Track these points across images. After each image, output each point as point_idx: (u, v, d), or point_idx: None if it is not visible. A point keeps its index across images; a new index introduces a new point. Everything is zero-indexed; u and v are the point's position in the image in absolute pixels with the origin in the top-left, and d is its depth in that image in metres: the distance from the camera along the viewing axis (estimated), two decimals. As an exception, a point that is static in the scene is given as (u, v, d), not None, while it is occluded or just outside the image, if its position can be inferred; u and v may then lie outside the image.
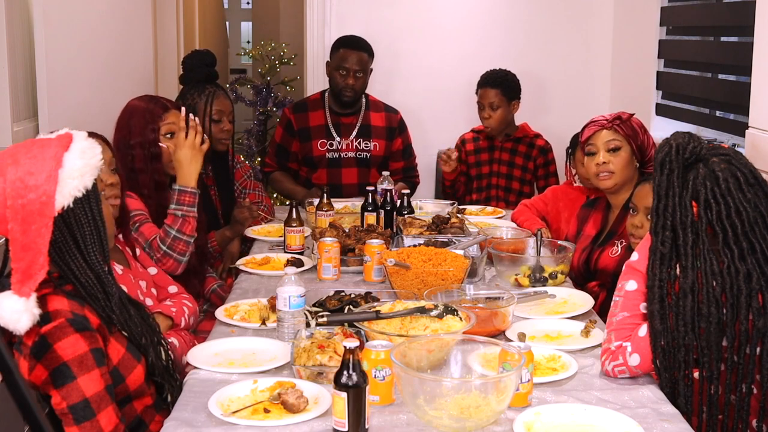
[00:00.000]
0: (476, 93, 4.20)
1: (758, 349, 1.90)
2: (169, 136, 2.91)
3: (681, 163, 1.95)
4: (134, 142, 2.88)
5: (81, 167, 1.78)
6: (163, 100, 2.99)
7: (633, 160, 2.92)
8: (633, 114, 2.99)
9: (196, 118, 2.90)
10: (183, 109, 2.92)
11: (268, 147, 4.50)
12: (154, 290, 2.50)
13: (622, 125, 2.90)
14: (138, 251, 2.53)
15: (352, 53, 4.04)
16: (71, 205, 1.78)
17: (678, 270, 1.94)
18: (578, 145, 3.18)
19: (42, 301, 1.78)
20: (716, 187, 1.91)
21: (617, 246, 2.89)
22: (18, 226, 1.71)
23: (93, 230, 1.84)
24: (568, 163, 3.53)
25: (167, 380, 2.01)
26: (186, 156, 2.82)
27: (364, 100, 4.18)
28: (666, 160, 1.97)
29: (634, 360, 2.00)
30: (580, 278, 2.93)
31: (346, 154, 4.13)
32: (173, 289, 2.58)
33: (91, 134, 2.01)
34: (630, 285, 2.06)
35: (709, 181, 1.92)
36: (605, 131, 2.91)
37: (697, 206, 1.93)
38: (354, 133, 4.13)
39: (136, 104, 2.97)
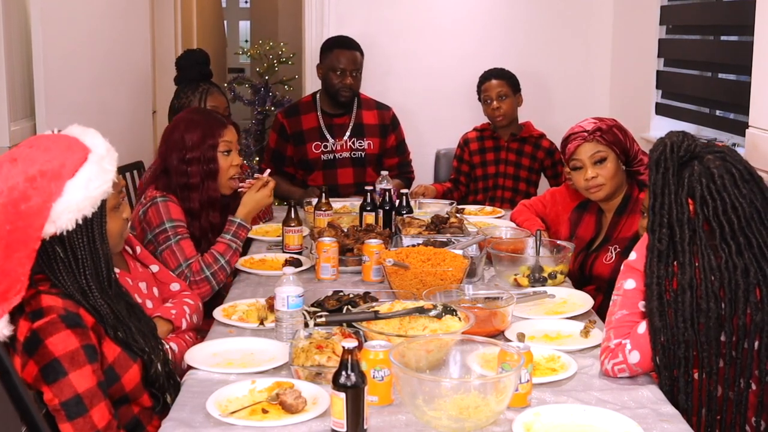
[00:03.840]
0: (478, 91, 4.18)
1: (756, 344, 1.91)
2: (226, 153, 2.88)
3: (676, 161, 1.98)
4: (191, 157, 2.83)
5: (79, 201, 1.75)
6: (219, 116, 2.98)
7: (620, 165, 2.91)
8: (612, 120, 2.96)
9: (269, 178, 2.95)
10: (268, 171, 3.01)
11: (264, 153, 4.50)
12: (155, 290, 2.47)
13: (604, 135, 2.87)
14: (139, 249, 2.49)
15: (346, 53, 4.03)
16: (65, 234, 1.76)
17: (675, 267, 1.95)
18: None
19: (36, 298, 1.77)
20: (712, 183, 1.94)
21: (611, 252, 2.88)
22: (1, 250, 1.68)
23: (88, 255, 1.81)
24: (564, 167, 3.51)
25: (168, 388, 1.99)
26: (256, 200, 2.88)
27: (355, 99, 4.16)
28: (661, 158, 1.99)
29: (634, 357, 1.99)
30: (575, 283, 2.91)
31: (341, 155, 4.12)
32: (176, 286, 2.55)
33: None
34: (629, 284, 2.07)
35: (704, 177, 1.94)
36: (588, 144, 2.87)
37: (693, 203, 1.95)
38: (347, 133, 4.12)
39: (191, 117, 2.92)
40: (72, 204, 1.74)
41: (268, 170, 3.00)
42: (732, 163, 1.96)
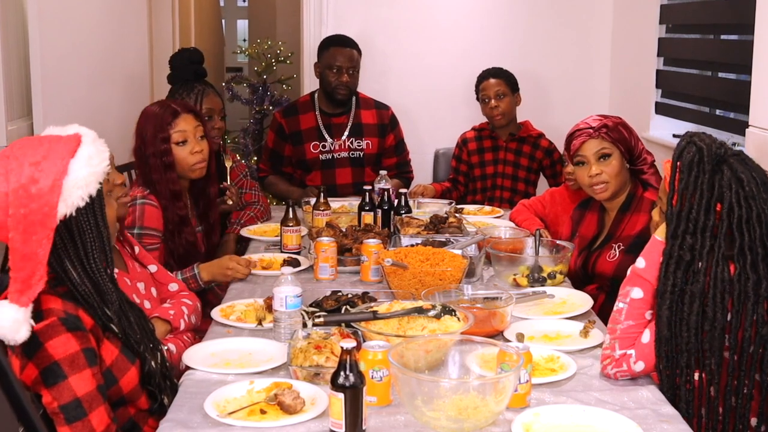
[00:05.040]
0: (477, 90, 4.17)
1: (760, 351, 1.89)
2: (182, 143, 2.89)
3: (710, 166, 1.93)
4: (149, 152, 2.86)
5: (86, 176, 1.76)
6: (175, 105, 2.94)
7: (624, 163, 2.89)
8: (618, 117, 2.95)
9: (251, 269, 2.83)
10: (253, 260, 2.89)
11: (262, 153, 4.49)
12: (153, 290, 2.47)
13: (609, 132, 2.85)
14: (137, 249, 2.49)
15: (343, 50, 4.04)
16: (74, 214, 1.76)
17: (688, 275, 1.93)
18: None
19: (35, 300, 1.75)
20: (741, 189, 1.90)
21: (615, 250, 2.87)
22: (19, 235, 1.69)
23: (95, 237, 1.82)
24: (563, 167, 3.50)
25: (165, 388, 1.98)
26: (227, 272, 2.76)
27: (354, 98, 4.16)
28: (694, 160, 1.94)
29: (639, 367, 1.99)
30: (577, 281, 2.90)
31: (339, 155, 4.11)
32: (174, 286, 2.54)
33: None
34: (636, 293, 2.04)
35: (734, 183, 1.91)
36: (593, 140, 2.85)
37: (720, 209, 1.91)
38: (346, 133, 4.11)
39: (149, 110, 2.96)
40: (80, 179, 1.75)
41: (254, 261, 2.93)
42: (752, 167, 1.93)
